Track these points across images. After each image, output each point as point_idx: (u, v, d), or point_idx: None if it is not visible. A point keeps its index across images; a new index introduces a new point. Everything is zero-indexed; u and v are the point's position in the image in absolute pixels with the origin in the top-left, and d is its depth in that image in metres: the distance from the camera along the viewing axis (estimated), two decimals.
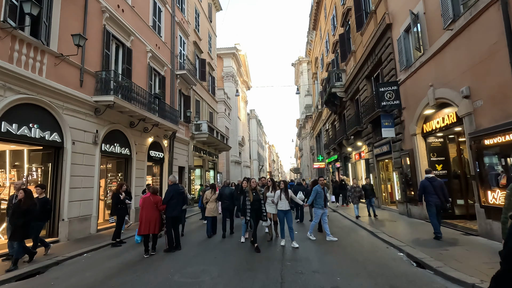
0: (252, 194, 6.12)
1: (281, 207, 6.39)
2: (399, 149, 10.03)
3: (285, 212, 6.42)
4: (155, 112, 11.75)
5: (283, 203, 6.37)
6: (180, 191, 6.36)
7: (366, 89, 13.53)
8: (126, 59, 10.55)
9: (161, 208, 6.42)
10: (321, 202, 7.12)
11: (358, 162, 15.63)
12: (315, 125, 34.65)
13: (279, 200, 6.37)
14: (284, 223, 6.51)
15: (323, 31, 25.20)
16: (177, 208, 6.26)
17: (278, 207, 6.42)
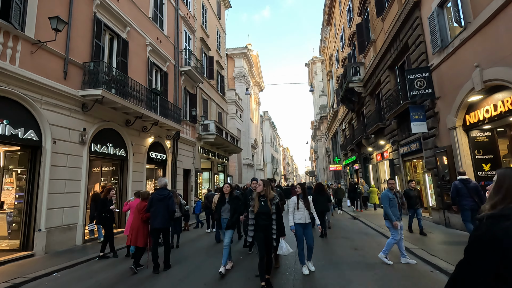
0: (259, 203, 4.10)
1: (299, 220, 4.73)
2: (433, 147, 8.53)
3: (305, 227, 4.77)
4: (154, 109, 10.77)
5: (301, 213, 4.74)
6: (161, 197, 5.24)
7: (389, 81, 12.04)
8: (121, 51, 9.63)
9: (143, 216, 5.37)
10: (396, 211, 5.28)
11: (381, 163, 14.08)
12: (331, 125, 33.03)
13: (296, 209, 4.76)
14: (303, 242, 4.81)
15: (338, 26, 23.78)
16: (159, 217, 5.13)
17: (295, 220, 4.75)
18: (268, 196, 4.06)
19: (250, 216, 4.13)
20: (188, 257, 6.16)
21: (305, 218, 4.77)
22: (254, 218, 4.09)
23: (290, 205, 4.84)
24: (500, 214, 1.21)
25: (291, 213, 4.80)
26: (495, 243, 1.15)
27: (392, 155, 12.26)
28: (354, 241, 7.32)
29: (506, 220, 1.17)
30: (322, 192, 7.79)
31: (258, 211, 4.04)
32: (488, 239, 1.18)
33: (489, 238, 1.18)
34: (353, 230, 8.93)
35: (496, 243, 1.15)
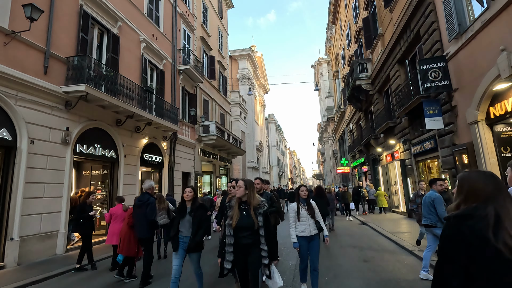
0: (240, 213, 2.90)
1: (302, 232, 3.80)
2: (450, 144, 7.67)
3: (310, 240, 3.84)
4: (148, 109, 10.18)
5: (304, 224, 3.80)
6: (139, 204, 4.63)
7: (399, 76, 11.21)
8: (111, 47, 9.09)
9: (129, 222, 4.91)
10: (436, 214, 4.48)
11: (391, 164, 13.18)
12: (338, 126, 32.11)
13: (297, 220, 3.83)
14: (307, 260, 3.90)
15: (344, 23, 23.03)
16: (137, 226, 4.51)
17: (298, 232, 3.83)
18: (252, 203, 2.83)
19: (228, 232, 2.85)
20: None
21: (309, 229, 3.81)
22: (233, 235, 2.83)
23: (290, 215, 3.89)
24: (464, 214, 1.34)
25: (292, 225, 3.83)
26: (463, 241, 1.27)
27: (404, 155, 11.38)
28: (363, 250, 6.52)
29: (470, 219, 1.30)
30: (322, 196, 7.55)
31: (238, 225, 2.80)
32: (456, 237, 1.31)
33: (457, 236, 1.31)
34: (362, 238, 8.10)
35: (464, 241, 1.27)
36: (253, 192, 2.90)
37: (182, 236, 3.78)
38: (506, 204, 1.28)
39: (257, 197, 2.90)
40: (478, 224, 1.25)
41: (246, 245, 2.82)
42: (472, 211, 1.31)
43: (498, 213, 1.26)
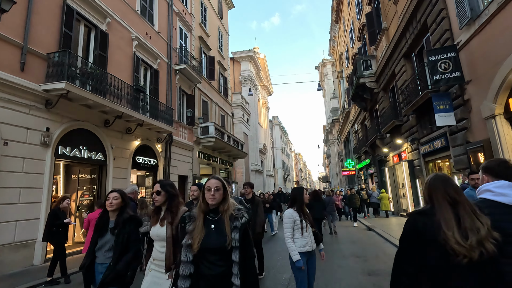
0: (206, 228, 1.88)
1: (304, 246, 3.06)
2: (463, 142, 6.97)
3: (309, 255, 3.15)
4: (141, 109, 9.71)
5: (306, 238, 3.08)
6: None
7: (405, 71, 10.54)
8: (99, 44, 8.65)
9: None
10: None
11: (398, 165, 12.45)
12: (343, 128, 31.36)
13: (301, 233, 3.06)
14: (306, 282, 3.07)
15: (347, 21, 22.43)
16: None
17: (299, 246, 3.05)
18: (226, 212, 1.87)
19: (183, 258, 1.83)
20: None
21: (311, 242, 3.11)
22: (193, 262, 1.84)
23: (287, 225, 3.07)
24: (420, 211, 1.57)
25: (290, 238, 3.04)
26: (417, 233, 1.48)
27: (412, 155, 10.67)
28: (368, 260, 5.85)
29: (423, 215, 1.51)
30: (318, 199, 7.55)
31: (204, 246, 1.80)
32: (412, 230, 1.51)
33: (413, 230, 1.51)
34: (367, 246, 7.43)
35: (418, 234, 1.48)
36: (225, 195, 1.93)
37: (99, 264, 2.61)
38: (443, 209, 1.46)
39: (232, 203, 1.95)
40: (429, 221, 1.45)
41: (214, 278, 1.79)
42: (427, 209, 1.52)
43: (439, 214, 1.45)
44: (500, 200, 1.59)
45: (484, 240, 1.36)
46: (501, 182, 1.66)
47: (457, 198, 1.48)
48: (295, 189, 3.26)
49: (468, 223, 1.40)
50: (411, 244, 1.50)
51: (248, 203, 4.62)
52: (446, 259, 1.37)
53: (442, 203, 1.48)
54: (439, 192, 1.52)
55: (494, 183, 1.68)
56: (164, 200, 2.42)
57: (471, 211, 1.45)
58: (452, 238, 1.36)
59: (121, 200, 2.73)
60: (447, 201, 1.48)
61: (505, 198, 1.59)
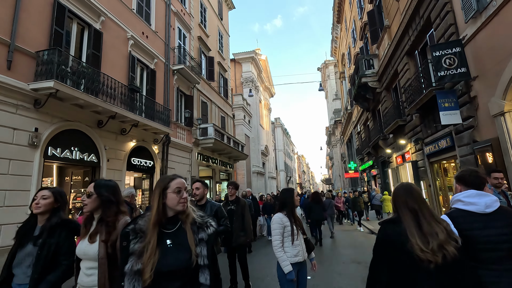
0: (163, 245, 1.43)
1: (296, 256, 2.71)
2: (470, 142, 6.63)
3: (300, 266, 2.81)
4: (138, 110, 9.49)
5: (297, 246, 2.71)
6: None
7: (408, 69, 10.22)
8: (93, 43, 8.45)
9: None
10: None
11: (402, 166, 12.08)
12: (345, 129, 30.99)
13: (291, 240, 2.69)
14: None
15: (349, 21, 22.16)
16: None
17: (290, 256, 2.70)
18: (187, 219, 1.50)
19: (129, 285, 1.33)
20: None
21: (303, 251, 2.76)
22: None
23: (276, 231, 2.67)
24: (390, 220, 1.64)
25: (279, 247, 2.65)
26: (388, 242, 1.53)
27: (416, 156, 10.31)
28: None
29: (392, 224, 1.58)
30: (318, 201, 7.71)
31: (158, 271, 1.33)
32: (383, 239, 1.58)
33: (384, 238, 1.57)
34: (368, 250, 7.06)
35: (388, 242, 1.54)
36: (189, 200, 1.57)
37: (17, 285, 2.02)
38: (405, 217, 1.57)
39: (192, 208, 1.55)
40: (398, 229, 1.55)
41: None
42: (395, 218, 1.62)
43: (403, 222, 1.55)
44: (470, 209, 1.67)
45: (444, 243, 1.43)
46: (470, 191, 1.73)
47: (415, 207, 1.56)
48: (284, 190, 2.88)
49: (427, 228, 1.48)
50: (383, 252, 1.56)
51: (232, 205, 4.33)
52: (415, 265, 1.42)
53: (404, 212, 1.57)
54: (401, 201, 1.61)
55: (464, 193, 1.76)
56: (95, 206, 1.88)
57: (430, 217, 1.53)
58: (415, 245, 1.43)
59: (52, 200, 2.14)
60: (408, 209, 1.56)
61: (474, 206, 1.67)
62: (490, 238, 1.58)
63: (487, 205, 1.64)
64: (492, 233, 1.59)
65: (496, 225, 1.60)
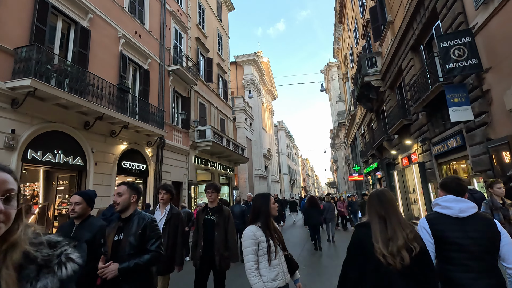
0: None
1: (274, 280, 2.08)
2: (483, 140, 6.04)
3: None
4: (126, 110, 9.06)
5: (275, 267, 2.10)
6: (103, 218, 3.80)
7: (413, 65, 9.66)
8: (79, 41, 8.07)
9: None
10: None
11: (408, 168, 11.46)
12: (349, 131, 30.34)
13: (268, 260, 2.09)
14: None
15: (351, 20, 21.67)
16: None
17: (267, 281, 2.06)
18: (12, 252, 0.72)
19: None
20: None
21: (284, 273, 2.14)
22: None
23: (248, 250, 2.08)
24: (362, 224, 1.74)
25: (254, 270, 2.04)
26: (359, 244, 1.64)
27: (423, 157, 9.70)
28: None
29: (364, 227, 1.68)
30: (314, 205, 7.71)
31: None
32: (356, 241, 1.68)
33: (356, 240, 1.69)
34: None
35: (359, 244, 1.64)
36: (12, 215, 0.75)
37: None
38: (373, 222, 1.66)
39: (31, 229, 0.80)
40: (369, 232, 1.63)
41: None
42: (367, 222, 1.71)
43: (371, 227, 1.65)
44: (445, 212, 1.82)
45: (401, 248, 1.52)
46: (448, 197, 1.86)
47: (383, 213, 1.66)
48: (257, 197, 2.28)
49: (390, 234, 1.58)
50: (355, 253, 1.65)
51: (212, 215, 3.51)
52: (379, 267, 1.52)
53: (372, 217, 1.68)
54: (372, 207, 1.72)
55: (442, 198, 1.89)
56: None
57: (396, 224, 1.61)
58: (378, 249, 1.54)
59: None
60: (377, 215, 1.66)
61: (450, 210, 1.81)
62: (458, 240, 1.71)
63: (461, 210, 1.76)
64: (461, 235, 1.71)
65: (467, 229, 1.73)
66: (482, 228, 1.73)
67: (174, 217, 3.47)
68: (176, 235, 3.42)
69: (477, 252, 1.69)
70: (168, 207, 3.54)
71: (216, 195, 3.57)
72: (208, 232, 3.44)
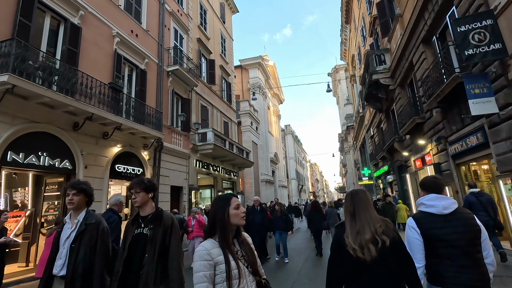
0: None
1: None
2: (510, 135, 5.29)
3: None
4: (118, 111, 8.62)
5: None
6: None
7: (425, 59, 8.96)
8: (69, 38, 7.69)
9: None
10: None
11: (422, 170, 10.65)
12: (357, 134, 29.44)
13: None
14: None
15: (358, 19, 21.06)
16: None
17: None
18: None
19: None
20: None
21: None
22: None
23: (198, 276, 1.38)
24: (339, 224, 1.85)
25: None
26: (337, 242, 1.74)
27: (438, 157, 8.91)
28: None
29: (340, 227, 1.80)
30: (317, 209, 8.03)
31: None
32: (335, 241, 1.77)
33: (335, 239, 1.77)
34: None
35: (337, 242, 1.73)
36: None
37: None
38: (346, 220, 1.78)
39: None
40: (343, 231, 1.73)
41: None
42: (343, 222, 1.83)
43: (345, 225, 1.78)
44: (430, 210, 1.93)
45: (367, 242, 1.62)
46: (431, 195, 1.98)
47: (352, 209, 1.79)
48: (215, 200, 1.64)
49: (359, 228, 1.69)
50: (335, 251, 1.76)
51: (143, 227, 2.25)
52: (354, 261, 1.62)
53: (346, 215, 1.81)
54: (345, 206, 1.86)
55: (426, 197, 2.01)
56: None
57: (364, 219, 1.71)
58: (348, 243, 1.65)
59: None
60: (348, 213, 1.79)
61: (434, 209, 1.92)
62: (446, 236, 1.81)
63: (444, 207, 1.88)
64: (448, 231, 1.82)
65: (452, 224, 1.84)
66: (465, 222, 1.84)
67: (90, 230, 2.37)
68: (93, 259, 2.31)
69: (462, 246, 1.79)
70: (82, 214, 2.43)
71: (145, 195, 2.30)
72: (136, 255, 2.17)
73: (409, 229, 1.91)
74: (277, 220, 7.90)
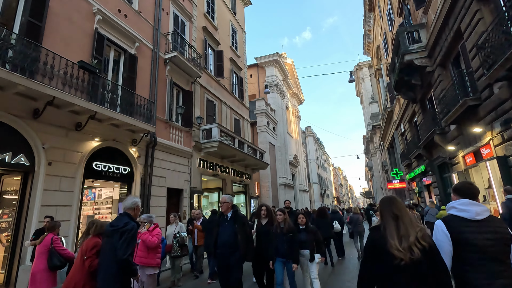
0: None
1: None
2: None
3: None
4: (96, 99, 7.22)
5: None
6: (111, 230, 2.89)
7: (481, 18, 6.82)
8: (31, 9, 6.41)
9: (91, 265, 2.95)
10: None
11: (475, 167, 8.34)
12: (385, 132, 26.72)
13: None
14: None
15: (383, 3, 18.81)
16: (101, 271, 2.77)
17: None
18: None
19: None
20: None
21: None
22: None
23: None
24: (374, 227, 1.97)
25: None
26: (373, 244, 1.86)
27: (503, 149, 6.65)
28: None
29: (376, 230, 1.91)
30: (323, 215, 7.54)
31: None
32: (370, 242, 1.90)
33: (370, 242, 1.90)
34: None
35: (373, 244, 1.86)
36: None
37: None
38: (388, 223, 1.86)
39: None
40: (381, 233, 1.84)
41: None
42: (378, 225, 1.94)
43: (385, 228, 1.84)
44: (462, 215, 1.92)
45: (412, 244, 1.70)
46: (464, 200, 1.96)
47: (397, 213, 1.87)
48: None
49: (404, 231, 1.77)
50: (370, 253, 1.89)
51: None
52: (391, 263, 1.71)
53: (388, 218, 1.88)
54: (386, 210, 1.93)
55: (458, 201, 1.98)
56: None
57: (408, 223, 1.81)
58: (393, 245, 1.72)
59: None
60: (391, 217, 1.87)
61: (466, 213, 1.90)
62: (477, 241, 1.79)
63: (477, 213, 1.86)
64: (480, 237, 1.79)
65: (484, 230, 1.81)
66: (497, 230, 1.82)
67: None
68: None
69: (493, 253, 1.77)
70: None
71: None
72: None
73: (438, 232, 1.92)
74: (280, 239, 4.50)
